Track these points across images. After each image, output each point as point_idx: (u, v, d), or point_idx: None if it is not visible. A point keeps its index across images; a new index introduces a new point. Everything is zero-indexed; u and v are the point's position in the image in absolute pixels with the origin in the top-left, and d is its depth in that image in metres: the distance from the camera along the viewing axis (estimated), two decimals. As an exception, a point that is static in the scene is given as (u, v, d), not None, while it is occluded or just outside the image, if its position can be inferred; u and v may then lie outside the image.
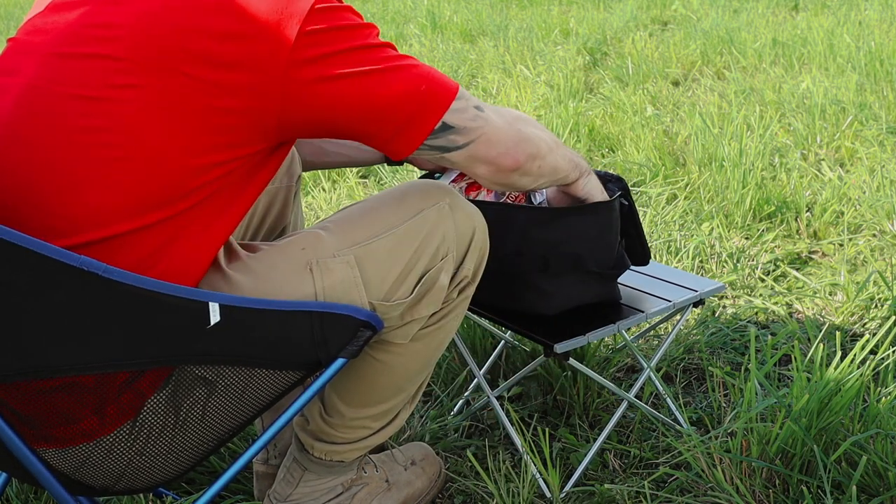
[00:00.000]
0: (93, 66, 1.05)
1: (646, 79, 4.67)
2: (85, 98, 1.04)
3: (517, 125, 1.27)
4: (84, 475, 1.15)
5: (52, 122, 1.05)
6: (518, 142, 1.25)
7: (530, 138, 1.27)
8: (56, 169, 1.05)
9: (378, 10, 8.17)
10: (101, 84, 1.04)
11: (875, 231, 2.61)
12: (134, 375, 1.09)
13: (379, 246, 1.21)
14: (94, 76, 1.05)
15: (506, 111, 1.28)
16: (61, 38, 1.08)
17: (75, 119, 1.04)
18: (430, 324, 1.30)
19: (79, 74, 1.05)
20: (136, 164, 1.04)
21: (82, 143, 1.04)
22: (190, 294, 1.05)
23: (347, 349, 1.20)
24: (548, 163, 1.30)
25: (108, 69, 1.04)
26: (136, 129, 1.04)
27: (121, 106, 1.04)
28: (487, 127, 1.21)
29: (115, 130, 1.04)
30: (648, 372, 1.67)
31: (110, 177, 1.04)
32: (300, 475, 1.42)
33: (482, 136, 1.21)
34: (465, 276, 1.30)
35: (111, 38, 1.05)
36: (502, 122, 1.24)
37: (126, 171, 1.04)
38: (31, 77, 1.08)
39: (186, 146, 1.06)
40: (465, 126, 1.19)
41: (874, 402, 1.51)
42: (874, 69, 4.16)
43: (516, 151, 1.24)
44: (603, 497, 1.54)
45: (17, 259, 0.95)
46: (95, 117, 1.04)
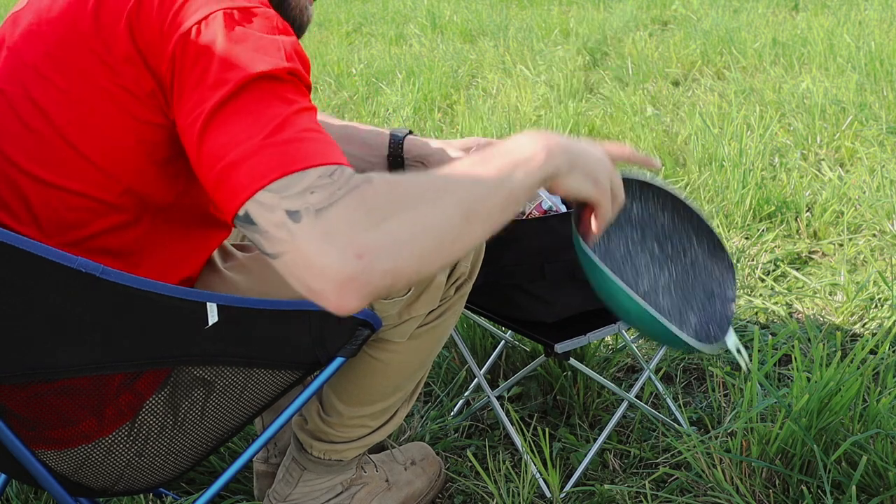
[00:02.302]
0: (39, 66, 1.03)
1: (646, 79, 4.67)
2: (34, 100, 1.02)
3: (370, 239, 0.84)
4: (83, 476, 1.15)
5: (9, 126, 1.03)
6: (349, 278, 0.83)
7: (395, 254, 0.85)
8: (17, 172, 1.04)
9: (378, 10, 8.17)
10: (50, 85, 1.02)
11: (875, 231, 2.61)
12: (132, 376, 1.09)
13: None
14: (45, 77, 1.02)
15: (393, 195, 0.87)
16: (21, 36, 1.05)
17: (31, 121, 1.02)
18: (428, 322, 1.30)
19: (31, 76, 1.03)
20: (96, 163, 1.03)
21: (40, 146, 1.02)
22: (187, 295, 1.05)
23: (346, 348, 1.20)
24: (412, 275, 0.88)
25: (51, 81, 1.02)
26: (90, 130, 1.01)
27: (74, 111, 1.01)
28: (289, 251, 0.85)
29: (67, 130, 1.01)
30: (648, 372, 1.67)
31: (72, 176, 1.03)
32: (299, 475, 1.42)
33: (286, 259, 0.85)
34: (461, 274, 1.30)
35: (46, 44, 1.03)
36: (324, 244, 0.83)
37: (86, 170, 1.03)
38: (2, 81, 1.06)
39: (138, 148, 1.02)
40: (268, 231, 0.86)
41: (874, 402, 1.51)
42: (874, 69, 4.16)
43: (345, 289, 0.83)
44: (603, 497, 1.54)
45: (14, 260, 0.95)
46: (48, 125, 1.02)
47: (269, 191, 0.85)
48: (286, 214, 0.84)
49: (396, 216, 0.85)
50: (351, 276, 0.82)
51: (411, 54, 5.80)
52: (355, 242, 0.83)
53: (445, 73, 4.98)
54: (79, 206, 1.03)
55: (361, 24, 7.54)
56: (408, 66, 5.21)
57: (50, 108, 1.01)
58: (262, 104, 0.90)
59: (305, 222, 0.84)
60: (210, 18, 0.94)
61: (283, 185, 0.85)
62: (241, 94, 0.90)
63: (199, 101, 0.91)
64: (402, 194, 0.87)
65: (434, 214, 0.87)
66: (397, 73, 5.10)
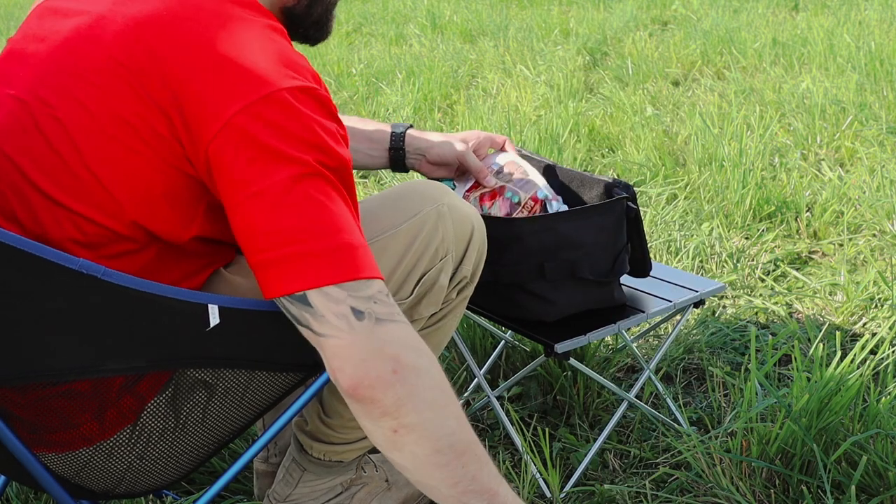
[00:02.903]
0: (69, 84, 1.03)
1: (646, 79, 4.67)
2: (58, 119, 1.03)
3: (405, 384, 0.98)
4: (84, 479, 1.15)
5: (31, 141, 1.04)
6: (374, 383, 0.97)
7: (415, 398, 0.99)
8: (31, 187, 1.04)
9: (378, 10, 8.17)
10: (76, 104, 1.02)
11: (875, 231, 2.61)
12: (133, 379, 1.09)
13: (378, 247, 1.21)
14: (73, 95, 1.03)
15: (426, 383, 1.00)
16: (52, 55, 1.06)
17: (54, 139, 1.03)
18: (430, 324, 1.30)
19: (59, 92, 1.03)
20: (111, 192, 1.03)
21: (58, 164, 1.03)
22: (189, 297, 1.04)
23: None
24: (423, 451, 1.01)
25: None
26: (111, 158, 1.02)
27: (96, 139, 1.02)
28: (343, 338, 0.97)
29: (86, 155, 1.02)
30: (648, 372, 1.67)
31: (85, 200, 1.03)
32: (299, 475, 1.42)
33: (335, 342, 0.97)
34: (464, 277, 1.30)
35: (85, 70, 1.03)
36: (372, 347, 0.97)
37: (99, 197, 1.03)
38: (22, 91, 1.06)
39: (157, 189, 1.03)
40: (325, 316, 0.97)
41: (874, 402, 1.51)
42: (874, 69, 4.16)
43: (365, 388, 0.97)
44: (603, 497, 1.54)
45: (16, 262, 0.95)
46: (70, 142, 1.02)
47: (341, 287, 0.97)
48: (351, 310, 0.97)
49: (434, 385, 1.01)
50: (378, 380, 0.97)
51: (411, 54, 5.80)
52: (399, 361, 0.98)
53: (445, 73, 4.98)
54: (88, 230, 1.04)
55: (361, 24, 7.54)
56: (408, 66, 5.21)
57: (75, 131, 1.02)
58: (324, 196, 0.98)
59: (366, 324, 0.97)
60: (268, 99, 0.97)
61: (353, 286, 0.97)
62: (303, 181, 0.97)
63: (260, 174, 0.96)
64: (443, 382, 1.03)
65: (450, 425, 1.02)
66: (397, 73, 5.10)
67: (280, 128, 0.97)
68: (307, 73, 1.03)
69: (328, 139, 1.00)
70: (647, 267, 1.58)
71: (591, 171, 3.28)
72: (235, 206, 0.98)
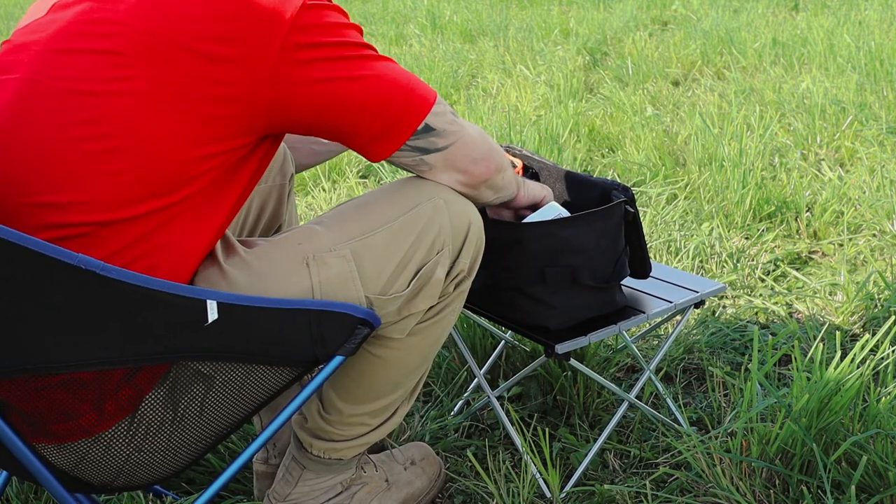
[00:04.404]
0: (90, 61, 1.06)
1: (646, 79, 4.67)
2: (82, 92, 1.05)
3: (486, 136, 1.32)
4: (82, 472, 1.15)
5: (48, 116, 1.06)
6: (489, 152, 1.30)
7: (498, 150, 1.33)
8: (50, 161, 1.05)
9: (378, 10, 8.17)
10: (98, 78, 1.05)
11: (875, 231, 2.61)
12: (132, 371, 1.09)
13: (375, 240, 1.22)
14: (91, 70, 1.06)
15: (471, 124, 1.33)
16: (59, 35, 1.09)
17: (71, 113, 1.05)
18: (427, 318, 1.30)
19: (76, 69, 1.06)
20: (130, 154, 1.06)
21: (78, 135, 1.05)
22: (187, 292, 1.05)
23: (345, 347, 1.20)
24: (507, 177, 1.36)
25: (104, 63, 1.05)
26: (132, 120, 1.05)
27: (117, 98, 1.05)
28: (464, 133, 1.26)
29: (111, 122, 1.05)
30: (648, 373, 1.67)
31: (104, 167, 1.05)
32: (299, 474, 1.42)
33: (459, 141, 1.25)
34: (461, 270, 1.30)
35: (108, 34, 1.06)
36: (475, 131, 1.28)
37: (120, 161, 1.05)
38: (29, 72, 1.08)
39: (181, 137, 1.07)
40: (445, 129, 1.23)
41: (874, 402, 1.51)
42: (874, 69, 4.16)
43: (488, 161, 1.29)
44: (603, 497, 1.54)
45: (15, 257, 0.95)
46: (91, 110, 1.05)
47: (438, 103, 1.23)
48: (452, 114, 1.25)
49: (494, 145, 1.34)
50: (493, 153, 1.31)
51: (411, 54, 5.80)
52: (490, 142, 1.32)
53: (445, 73, 4.98)
54: (133, 188, 1.07)
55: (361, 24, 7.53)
56: (408, 66, 5.21)
57: (112, 100, 1.05)
58: (383, 66, 1.18)
59: (460, 118, 1.27)
60: (304, 7, 1.11)
61: (439, 101, 1.23)
62: (366, 48, 1.18)
63: (337, 56, 1.14)
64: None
65: (502, 158, 1.36)
66: (397, 73, 5.09)
67: (321, 31, 1.12)
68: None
69: (346, 25, 1.16)
70: (646, 269, 1.58)
71: (590, 172, 3.29)
72: (319, 104, 1.14)
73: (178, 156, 1.08)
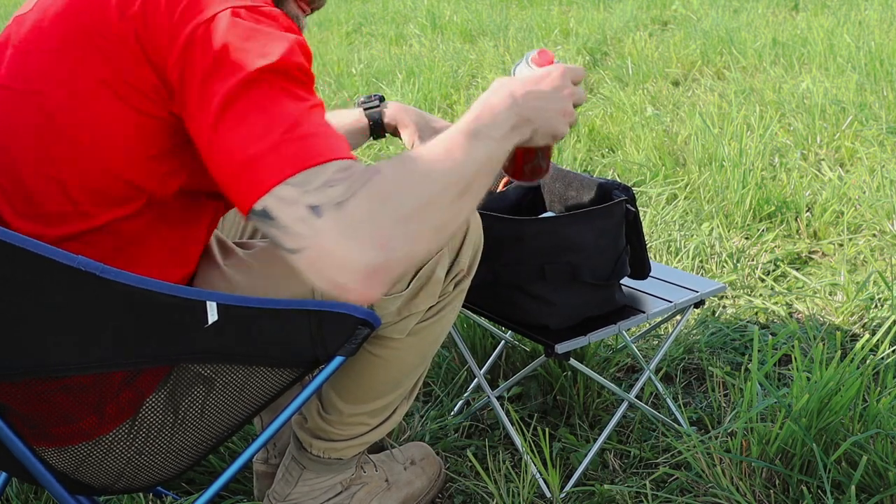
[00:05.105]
0: (43, 61, 1.03)
1: (646, 79, 4.67)
2: (40, 94, 1.03)
3: (380, 229, 0.88)
4: (83, 474, 1.15)
5: (15, 121, 1.04)
6: (373, 269, 0.88)
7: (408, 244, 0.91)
8: (22, 167, 1.04)
9: (378, 10, 8.17)
10: (52, 79, 1.02)
11: (875, 231, 2.61)
12: (132, 374, 1.09)
13: None
14: (47, 71, 1.03)
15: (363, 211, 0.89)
16: (27, 34, 1.06)
17: (35, 116, 1.03)
18: (427, 318, 1.30)
19: (36, 71, 1.03)
20: (97, 155, 1.02)
21: (44, 139, 1.03)
22: (187, 293, 1.05)
23: (345, 347, 1.20)
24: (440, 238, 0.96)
25: (52, 64, 1.03)
26: (91, 122, 1.01)
27: (73, 100, 1.01)
28: (319, 241, 0.87)
29: (69, 122, 1.02)
30: (648, 373, 1.67)
31: (74, 168, 1.03)
32: (299, 474, 1.42)
33: (309, 251, 0.88)
34: (460, 270, 1.30)
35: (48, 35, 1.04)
36: (344, 237, 0.87)
37: (87, 162, 1.03)
38: (2, 76, 1.07)
39: (138, 140, 1.02)
40: (289, 227, 0.88)
41: (874, 402, 1.51)
42: (874, 69, 4.16)
43: (367, 278, 0.88)
44: (603, 497, 1.54)
45: (14, 259, 0.95)
46: (50, 114, 1.02)
47: (290, 185, 0.88)
48: (308, 209, 0.87)
49: (409, 203, 0.91)
50: (375, 267, 0.87)
51: (411, 54, 5.80)
52: (377, 233, 0.88)
53: (445, 73, 4.98)
54: (80, 199, 1.04)
55: (361, 24, 7.54)
56: (408, 66, 5.21)
57: (50, 102, 1.02)
58: (275, 100, 0.92)
59: (328, 217, 0.87)
60: (218, 16, 0.96)
61: (303, 180, 0.88)
62: (253, 88, 0.92)
63: (210, 94, 0.92)
64: (410, 181, 0.93)
65: (439, 196, 0.93)
66: (397, 73, 5.09)
67: (225, 46, 0.94)
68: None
69: (273, 47, 0.95)
70: (646, 269, 1.58)
71: (590, 172, 3.28)
72: (195, 130, 0.95)
73: (140, 157, 1.03)
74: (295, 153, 0.89)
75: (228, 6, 0.97)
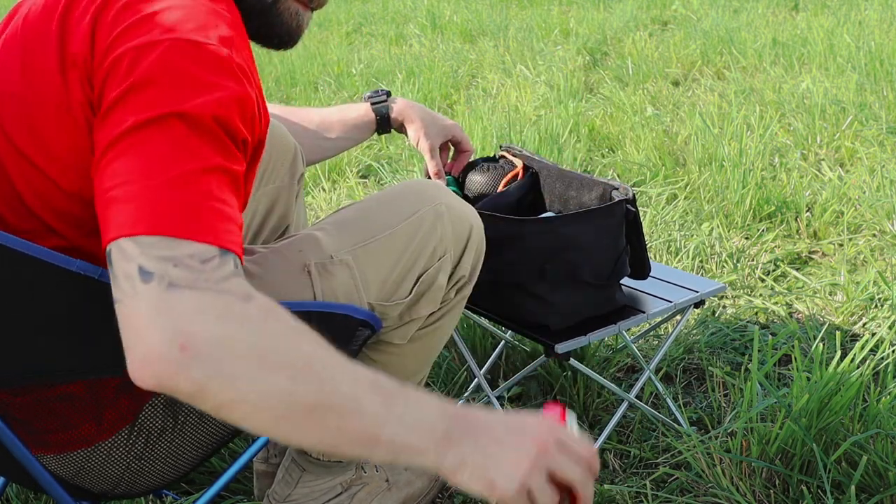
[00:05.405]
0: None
1: (646, 79, 4.67)
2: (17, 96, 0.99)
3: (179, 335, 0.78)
4: (82, 480, 1.15)
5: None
6: (157, 361, 0.77)
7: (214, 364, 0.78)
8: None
9: (378, 10, 8.17)
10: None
11: (875, 231, 2.61)
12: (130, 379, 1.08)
13: (377, 246, 1.21)
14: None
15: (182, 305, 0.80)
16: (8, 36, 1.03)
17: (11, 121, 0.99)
18: (428, 324, 1.30)
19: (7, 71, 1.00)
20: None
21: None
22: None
23: (346, 349, 1.19)
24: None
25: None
26: (45, 137, 0.96)
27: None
28: (126, 303, 0.80)
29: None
30: (648, 372, 1.67)
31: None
32: (298, 476, 1.42)
33: (121, 306, 0.81)
34: (462, 276, 1.30)
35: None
36: (156, 315, 0.78)
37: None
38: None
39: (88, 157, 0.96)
40: (117, 276, 0.81)
41: (874, 401, 1.51)
42: (874, 69, 4.16)
43: (147, 367, 0.78)
44: (603, 497, 1.54)
45: (12, 262, 0.94)
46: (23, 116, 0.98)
47: (134, 241, 0.81)
48: (138, 270, 0.80)
49: (247, 351, 0.79)
50: (161, 360, 0.77)
51: (411, 54, 5.80)
52: (187, 335, 0.77)
53: (445, 73, 4.98)
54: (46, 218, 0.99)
55: (361, 24, 7.54)
56: (408, 66, 5.21)
57: (6, 119, 0.98)
58: (168, 147, 0.84)
59: (152, 287, 0.79)
60: (155, 45, 0.89)
61: (149, 243, 0.81)
62: (153, 128, 0.85)
63: (113, 120, 0.87)
64: (269, 342, 0.81)
65: (282, 386, 0.80)
66: (397, 73, 5.10)
67: (149, 76, 0.87)
68: (213, 32, 0.92)
69: (197, 92, 0.87)
70: (646, 269, 1.59)
71: (590, 172, 3.28)
72: (95, 147, 0.89)
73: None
74: (156, 213, 0.81)
75: (172, 37, 0.89)
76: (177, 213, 0.82)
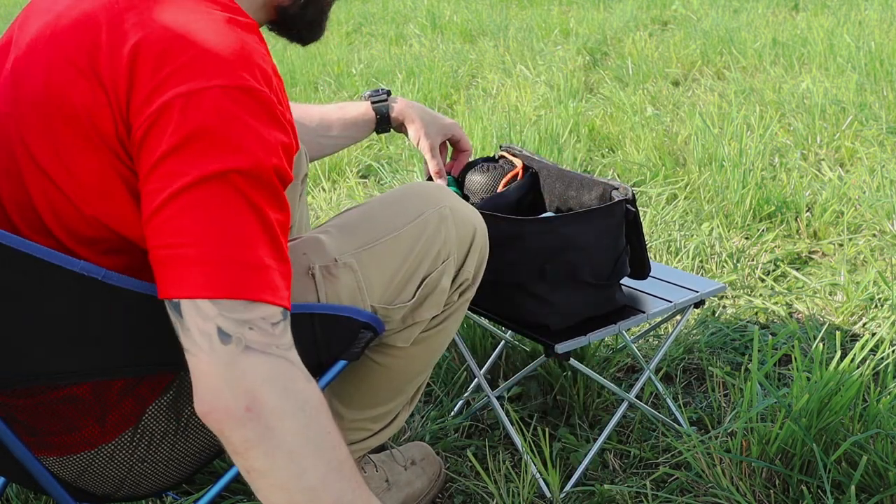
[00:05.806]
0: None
1: (646, 79, 4.67)
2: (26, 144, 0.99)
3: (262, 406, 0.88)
4: (85, 483, 1.14)
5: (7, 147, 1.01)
6: (224, 414, 0.88)
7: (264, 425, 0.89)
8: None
9: (378, 10, 8.17)
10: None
11: (875, 231, 2.61)
12: (134, 381, 1.09)
13: (381, 249, 1.21)
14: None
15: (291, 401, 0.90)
16: (14, 63, 1.03)
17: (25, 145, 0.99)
18: (431, 327, 1.30)
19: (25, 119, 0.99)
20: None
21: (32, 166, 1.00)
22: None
23: (348, 351, 1.19)
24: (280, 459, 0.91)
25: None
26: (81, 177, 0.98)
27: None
28: (202, 358, 0.88)
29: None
30: (648, 373, 1.67)
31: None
32: (300, 476, 1.42)
33: (191, 357, 0.89)
34: (465, 279, 1.30)
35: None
36: (231, 377, 0.88)
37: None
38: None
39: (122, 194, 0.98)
40: (191, 330, 0.88)
41: (874, 402, 1.51)
42: (874, 69, 4.16)
43: (218, 411, 0.88)
44: (603, 497, 1.54)
45: (16, 264, 0.94)
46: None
47: (212, 303, 0.88)
48: (217, 330, 0.87)
49: (296, 432, 0.89)
50: (227, 413, 0.88)
51: (411, 54, 5.80)
52: (254, 399, 0.88)
53: (445, 73, 4.98)
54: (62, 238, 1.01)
55: (361, 24, 7.54)
56: (408, 66, 5.21)
57: (28, 132, 0.98)
58: (232, 208, 0.89)
59: (230, 349, 0.88)
60: (204, 93, 0.90)
61: (228, 306, 0.88)
62: (216, 185, 0.89)
63: (168, 172, 0.89)
64: (317, 433, 0.91)
65: (311, 482, 0.90)
66: (397, 73, 5.10)
67: (205, 127, 0.89)
68: (257, 71, 0.94)
69: (255, 144, 0.91)
70: (646, 269, 1.59)
71: (590, 172, 3.29)
72: (147, 194, 0.91)
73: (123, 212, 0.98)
74: (232, 279, 0.88)
75: (220, 84, 0.90)
76: (249, 277, 0.89)
